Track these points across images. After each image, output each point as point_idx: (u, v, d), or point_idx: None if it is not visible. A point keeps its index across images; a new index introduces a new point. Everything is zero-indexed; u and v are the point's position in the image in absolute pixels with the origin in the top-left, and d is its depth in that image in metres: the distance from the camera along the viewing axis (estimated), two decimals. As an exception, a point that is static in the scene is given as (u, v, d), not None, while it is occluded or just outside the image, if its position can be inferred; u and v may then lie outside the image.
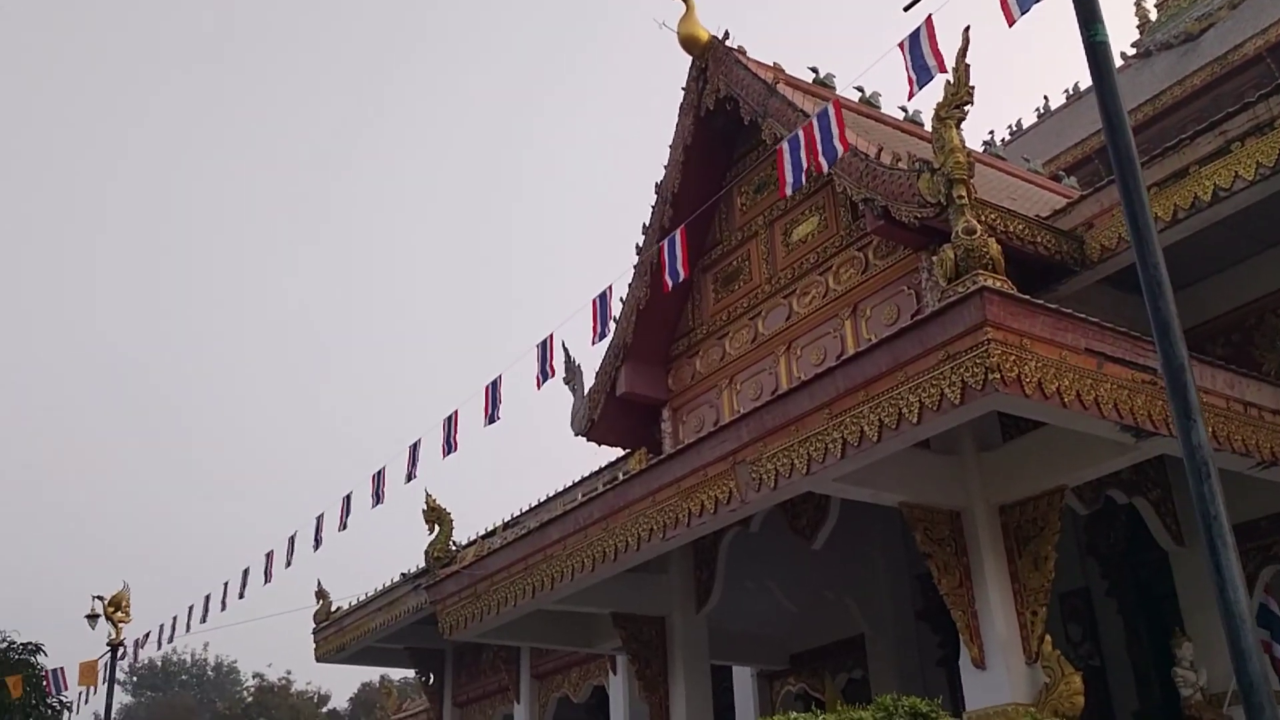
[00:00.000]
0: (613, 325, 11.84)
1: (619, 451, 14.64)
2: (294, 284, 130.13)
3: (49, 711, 19.72)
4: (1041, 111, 24.24)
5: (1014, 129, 24.15)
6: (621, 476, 10.04)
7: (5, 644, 19.93)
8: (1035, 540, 8.03)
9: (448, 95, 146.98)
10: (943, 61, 7.05)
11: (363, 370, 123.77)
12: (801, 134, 7.89)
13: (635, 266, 12.45)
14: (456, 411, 10.83)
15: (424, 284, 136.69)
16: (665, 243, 8.93)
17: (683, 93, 12.39)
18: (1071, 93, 23.67)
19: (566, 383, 12.97)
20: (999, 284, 6.85)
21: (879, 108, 13.12)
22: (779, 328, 11.31)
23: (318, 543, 13.16)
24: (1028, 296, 6.98)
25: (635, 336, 12.40)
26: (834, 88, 12.53)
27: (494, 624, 10.69)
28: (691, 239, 9.25)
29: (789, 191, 8.42)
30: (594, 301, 9.42)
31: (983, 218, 8.35)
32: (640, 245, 12.53)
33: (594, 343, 9.54)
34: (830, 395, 7.37)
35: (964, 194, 7.77)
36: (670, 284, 9.34)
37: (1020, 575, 8.04)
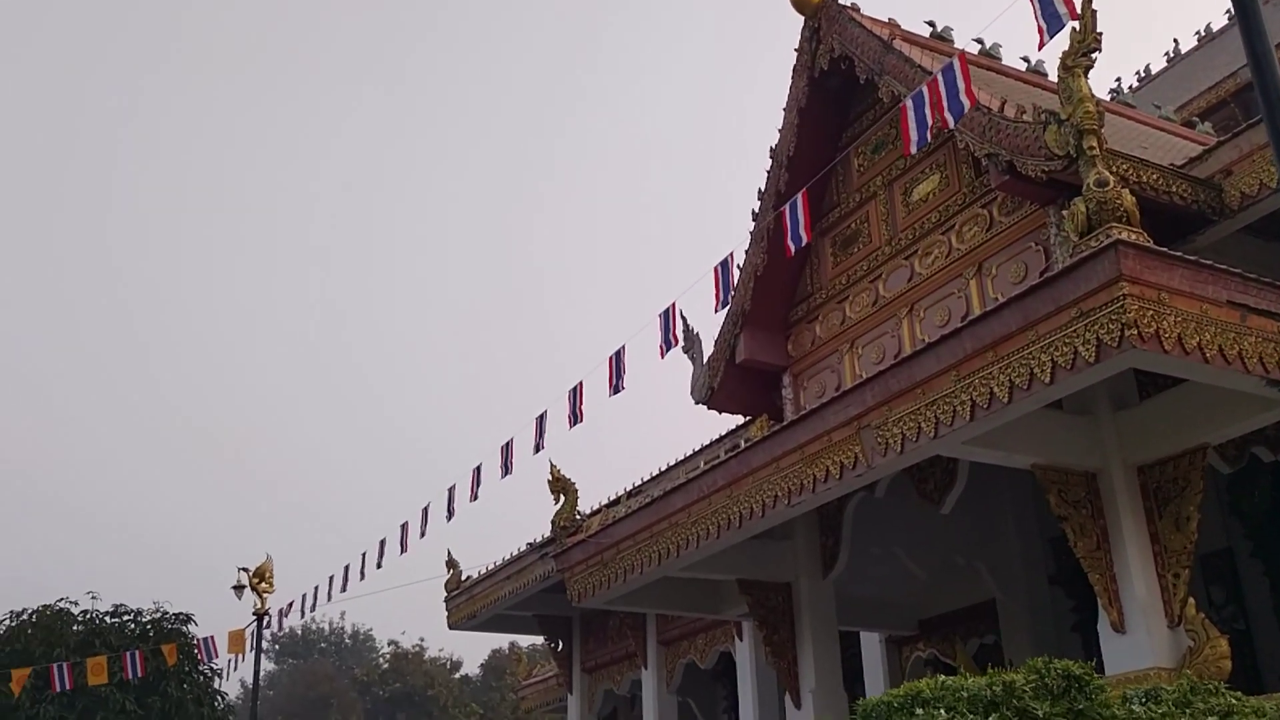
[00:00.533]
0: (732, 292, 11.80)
1: (739, 419, 14.64)
2: (436, 266, 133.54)
3: (201, 678, 20.69)
4: (1171, 56, 23.18)
5: (1142, 75, 23.16)
6: (743, 444, 10.03)
7: (159, 614, 20.94)
8: (1176, 500, 7.77)
9: (575, 65, 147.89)
10: (1074, 8, 6.79)
11: (494, 345, 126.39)
12: (926, 90, 7.70)
13: (751, 233, 12.37)
14: (581, 383, 10.95)
15: (550, 259, 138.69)
16: (786, 208, 8.83)
17: (795, 54, 12.21)
18: (1203, 34, 22.56)
19: (686, 351, 12.99)
20: (1134, 237, 6.62)
21: (999, 59, 12.74)
22: (901, 289, 11.12)
23: (450, 513, 13.48)
24: (1164, 249, 6.73)
25: (753, 303, 12.34)
26: (952, 41, 12.21)
27: (620, 591, 10.82)
28: (809, 202, 9.13)
29: (914, 150, 8.24)
30: (715, 269, 9.38)
31: (1114, 169, 8.06)
32: (755, 211, 12.44)
33: (716, 310, 9.54)
34: (958, 356, 7.23)
35: (1094, 145, 7.51)
36: (793, 249, 9.24)
37: (1161, 537, 7.80)
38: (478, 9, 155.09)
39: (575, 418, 10.96)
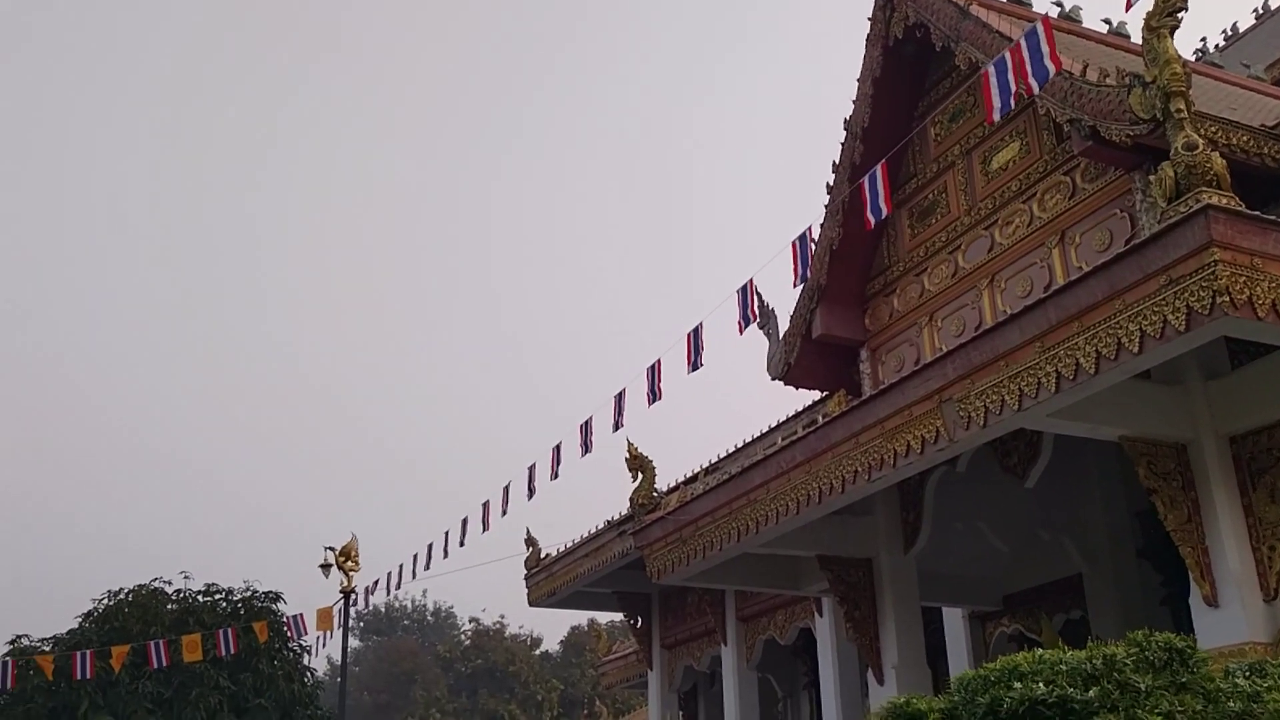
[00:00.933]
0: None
1: (816, 395, 14.55)
2: (497, 253, 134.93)
3: (290, 655, 21.25)
4: (1260, 12, 22.37)
5: (1229, 33, 22.38)
6: (821, 419, 9.97)
7: (249, 593, 21.54)
8: (1271, 471, 7.55)
9: (635, 47, 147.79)
10: (1162, -34, 6.59)
11: (574, 325, 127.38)
12: (1008, 56, 7.53)
13: (826, 207, 12.25)
14: (660, 361, 10.94)
15: (627, 238, 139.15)
16: (865, 180, 8.71)
17: (869, 23, 12.04)
18: (1294, -11, 21.73)
19: (762, 328, 12.93)
20: (1224, 201, 6.43)
21: (1079, 22, 12.42)
22: (981, 260, 10.93)
23: (531, 491, 13.60)
24: (1256, 213, 6.52)
25: (829, 278, 12.23)
26: (1029, 5, 11.92)
27: (699, 568, 10.84)
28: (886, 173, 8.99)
29: (997, 117, 8.09)
30: (793, 244, 9.30)
31: (1203, 131, 7.83)
32: (830, 185, 12.31)
33: (795, 285, 9.48)
34: (1042, 327, 7.09)
35: (1182, 107, 7.29)
36: (872, 221, 9.11)
37: (1255, 508, 7.59)
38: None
39: (654, 395, 10.97)
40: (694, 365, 10.32)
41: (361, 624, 75.00)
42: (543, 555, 18.28)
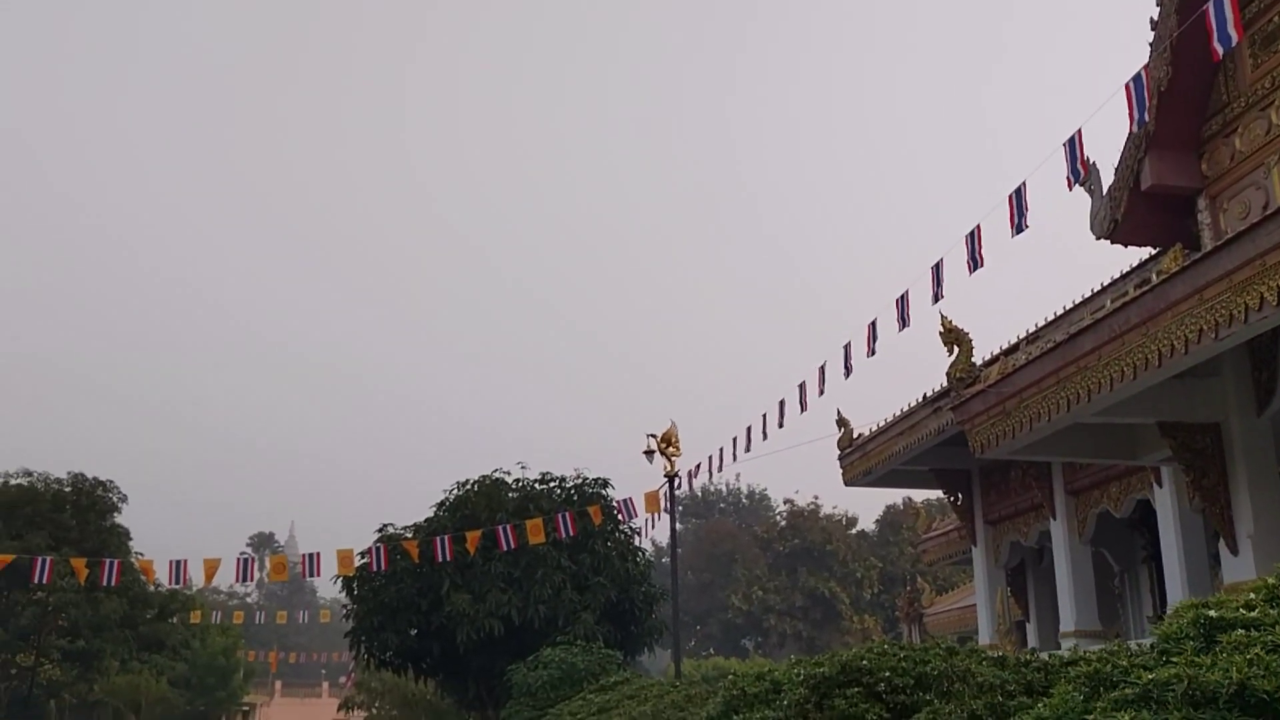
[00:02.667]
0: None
1: (1146, 252, 13.52)
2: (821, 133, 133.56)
3: (622, 536, 22.53)
4: None
5: None
6: (1156, 278, 9.27)
7: (580, 480, 22.92)
8: None
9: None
10: None
11: (891, 195, 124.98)
12: None
13: (1151, 44, 11.19)
14: (979, 226, 10.43)
15: (918, 113, 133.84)
16: (1210, 5, 7.76)
17: None
18: None
19: (1083, 185, 12.09)
20: None
21: None
22: (1340, 86, 9.68)
23: (848, 370, 13.54)
24: None
25: (1158, 122, 11.22)
26: None
27: (1025, 440, 10.48)
28: (1220, -1, 8.04)
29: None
30: (1126, 87, 8.49)
31: None
32: (1154, 20, 11.21)
33: (1132, 130, 8.73)
34: None
35: None
36: (1220, 52, 8.14)
37: None
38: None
39: (974, 263, 10.46)
40: (1018, 228, 9.76)
41: (680, 508, 78.22)
42: (855, 435, 18.26)
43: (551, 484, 22.78)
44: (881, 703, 5.37)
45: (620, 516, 22.09)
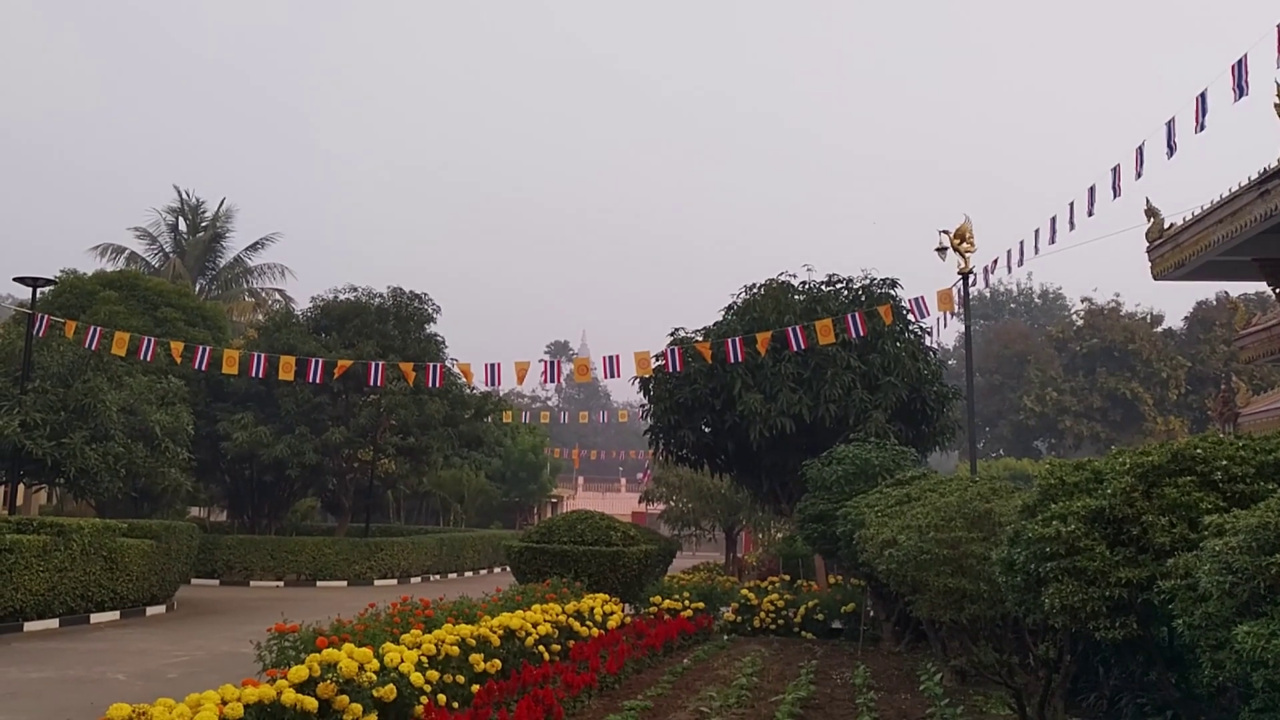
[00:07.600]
0: None
1: None
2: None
3: (912, 336, 22.31)
4: None
5: None
6: None
7: (868, 281, 22.70)
8: None
9: None
10: None
11: None
12: None
13: None
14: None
15: None
16: None
17: None
18: None
19: None
20: None
21: None
22: None
23: (1171, 149, 12.63)
24: None
25: None
26: None
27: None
28: None
29: None
30: None
31: None
32: None
33: None
34: None
35: None
36: None
37: None
38: None
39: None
40: None
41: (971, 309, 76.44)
42: (1166, 225, 17.08)
43: (839, 284, 22.69)
44: (1218, 491, 5.27)
45: (911, 316, 21.84)
